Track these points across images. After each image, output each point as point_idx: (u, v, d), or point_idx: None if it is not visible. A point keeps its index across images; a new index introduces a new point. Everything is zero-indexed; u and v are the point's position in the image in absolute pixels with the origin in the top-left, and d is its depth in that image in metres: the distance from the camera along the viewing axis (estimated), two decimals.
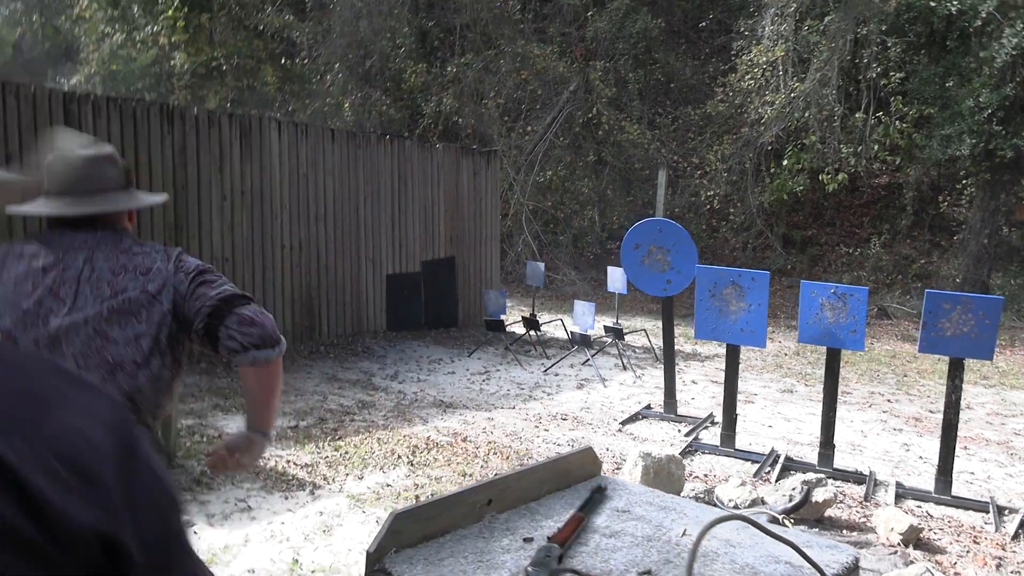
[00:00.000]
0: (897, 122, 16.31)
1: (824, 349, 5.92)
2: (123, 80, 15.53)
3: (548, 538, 1.69)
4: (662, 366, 9.41)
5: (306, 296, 8.91)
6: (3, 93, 6.47)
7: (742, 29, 18.44)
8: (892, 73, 16.59)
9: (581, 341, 8.62)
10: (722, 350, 10.81)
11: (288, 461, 5.31)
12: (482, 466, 5.48)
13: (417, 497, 4.77)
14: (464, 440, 6.14)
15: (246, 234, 8.27)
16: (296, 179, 8.70)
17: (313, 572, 3.69)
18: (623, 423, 7.00)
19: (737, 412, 6.30)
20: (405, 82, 18.33)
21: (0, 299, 1.95)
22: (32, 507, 0.61)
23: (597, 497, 2.15)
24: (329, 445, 5.76)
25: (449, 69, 17.94)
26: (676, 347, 10.49)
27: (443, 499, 1.85)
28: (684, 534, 1.85)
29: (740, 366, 9.11)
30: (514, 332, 10.17)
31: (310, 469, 5.18)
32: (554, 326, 10.71)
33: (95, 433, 0.69)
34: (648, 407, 7.43)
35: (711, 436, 6.63)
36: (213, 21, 15.68)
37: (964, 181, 15.38)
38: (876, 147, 16.57)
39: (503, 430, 6.55)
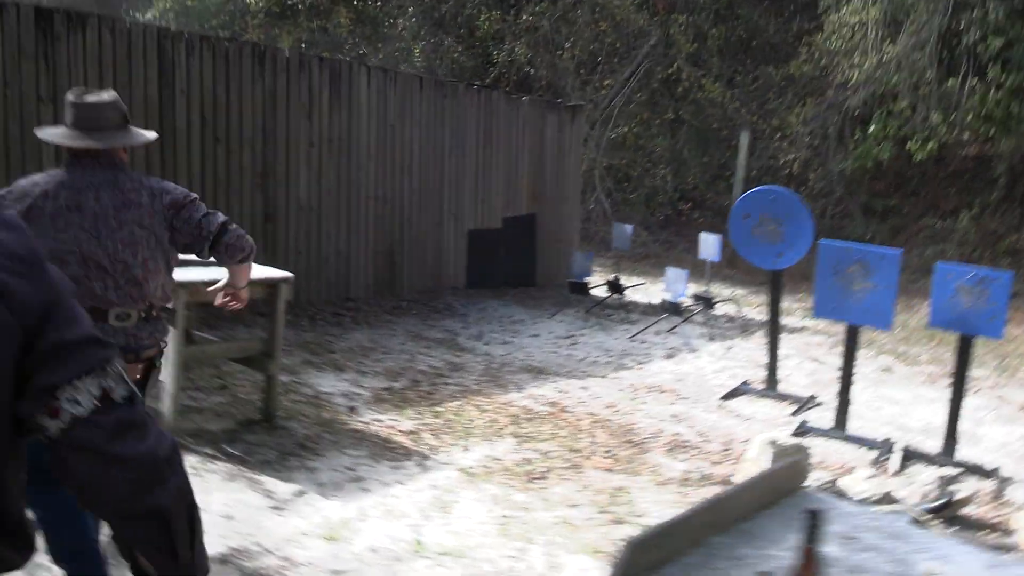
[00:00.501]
0: (993, 91, 15.45)
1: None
2: (197, 16, 15.32)
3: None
4: (751, 337, 9.08)
5: (388, 249, 8.69)
6: (99, 27, 6.25)
7: None
8: (991, 38, 15.70)
9: (671, 309, 8.30)
10: (811, 323, 10.42)
11: (390, 427, 5.12)
12: (591, 441, 5.23)
13: (531, 473, 4.55)
14: (563, 411, 5.90)
15: (332, 184, 8.03)
16: (384, 129, 8.42)
17: (440, 555, 3.48)
18: (723, 398, 6.70)
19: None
20: (478, 29, 17.86)
21: (42, 232, 2.55)
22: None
23: (815, 520, 1.90)
24: (429, 411, 5.55)
25: (524, 17, 17.42)
26: (756, 317, 10.15)
27: (671, 525, 1.70)
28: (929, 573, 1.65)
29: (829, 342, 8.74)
30: (595, 295, 9.87)
31: (414, 437, 4.97)
32: (636, 290, 10.37)
33: (33, 245, 1.06)
34: (746, 383, 7.11)
35: (817, 418, 6.30)
36: None
37: None
38: (969, 116, 15.74)
39: (600, 401, 6.29)
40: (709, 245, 8.83)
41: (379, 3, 17.59)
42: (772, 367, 6.85)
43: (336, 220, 8.13)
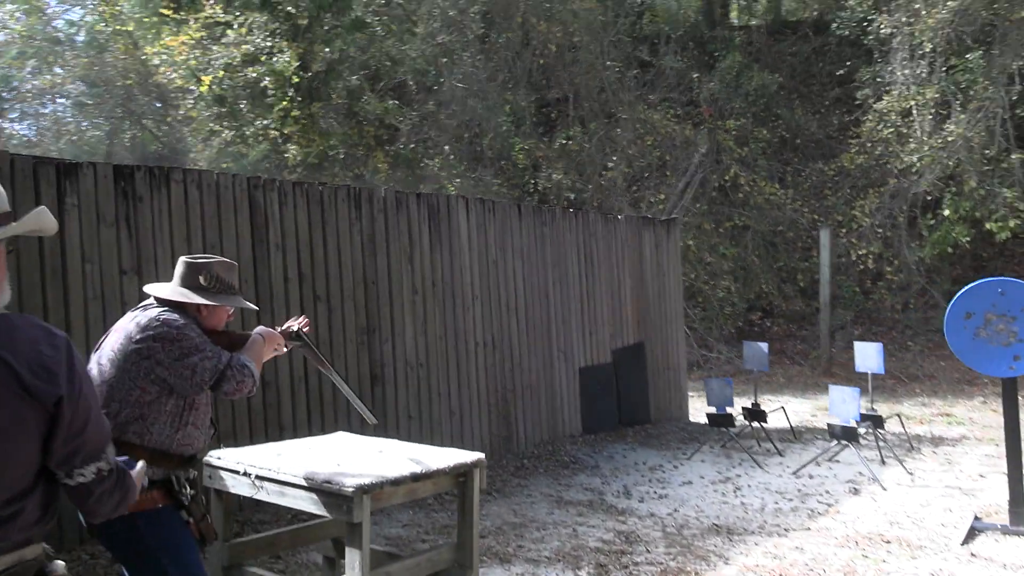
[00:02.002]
0: None
1: None
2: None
3: None
4: (926, 458, 7.83)
5: (502, 401, 7.58)
6: (185, 183, 5.37)
7: (866, 77, 17.10)
8: None
9: (843, 435, 7.09)
10: (959, 431, 9.17)
11: None
12: None
13: None
14: None
15: (439, 332, 7.01)
16: (486, 264, 7.48)
17: None
18: (964, 544, 5.43)
19: None
20: (515, 158, 17.32)
21: None
22: (22, 384, 1.69)
23: None
24: None
25: (561, 142, 16.91)
26: (920, 432, 8.91)
27: None
28: None
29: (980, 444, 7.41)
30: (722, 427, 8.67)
31: None
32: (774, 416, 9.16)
33: (55, 354, 1.76)
34: (977, 518, 5.84)
35: None
36: (325, 110, 14.87)
37: None
38: None
39: (830, 565, 5.03)
40: (869, 356, 7.70)
41: (413, 144, 17.10)
42: (1017, 496, 5.59)
43: (446, 373, 7.06)
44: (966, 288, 5.49)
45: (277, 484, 3.42)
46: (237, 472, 3.55)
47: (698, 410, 10.34)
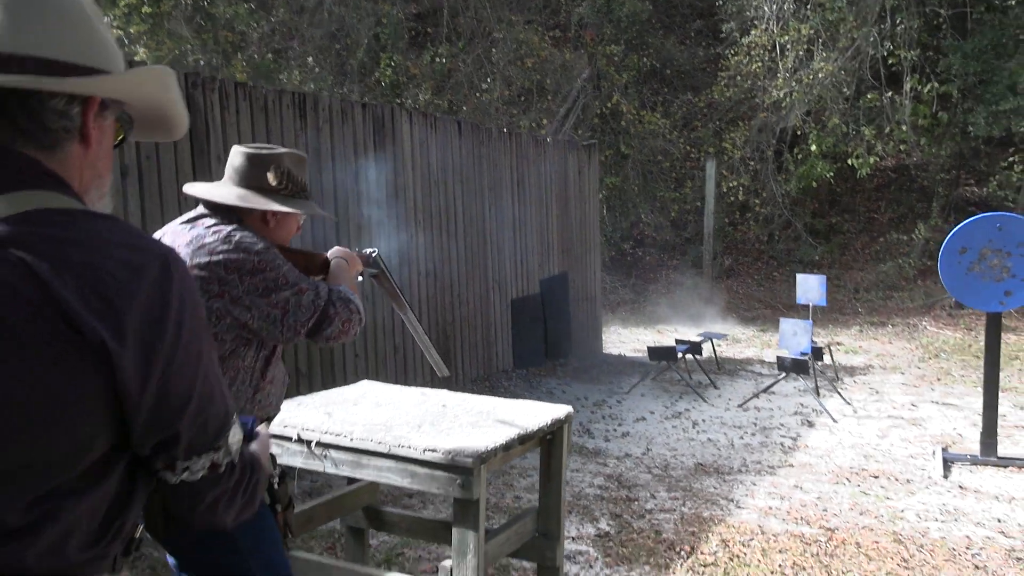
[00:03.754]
0: (933, 99, 15.33)
1: None
2: None
3: None
4: (846, 387, 7.90)
5: (442, 335, 6.96)
6: None
7: (731, 11, 17.22)
8: (912, 50, 15.70)
9: (792, 367, 7.01)
10: (862, 359, 9.41)
11: None
12: None
13: None
14: (831, 531, 4.44)
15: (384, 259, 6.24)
16: (428, 185, 6.74)
17: None
18: (945, 476, 5.45)
19: None
20: (381, 75, 16.21)
21: None
22: (68, 316, 0.94)
23: None
24: (686, 569, 3.93)
25: (436, 59, 15.96)
26: (855, 364, 9.03)
27: None
28: None
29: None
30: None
31: None
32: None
33: (133, 284, 1.00)
34: (945, 450, 5.90)
35: None
36: (177, 10, 13.16)
37: (1012, 159, 14.57)
38: (904, 127, 15.62)
39: (840, 504, 4.88)
40: (811, 288, 7.63)
41: (270, 54, 15.62)
42: (990, 427, 5.65)
43: (390, 307, 6.34)
44: (963, 223, 5.38)
45: (349, 453, 2.72)
46: (287, 438, 2.80)
47: (612, 343, 10.14)
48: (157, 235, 2.17)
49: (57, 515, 1.01)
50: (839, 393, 7.53)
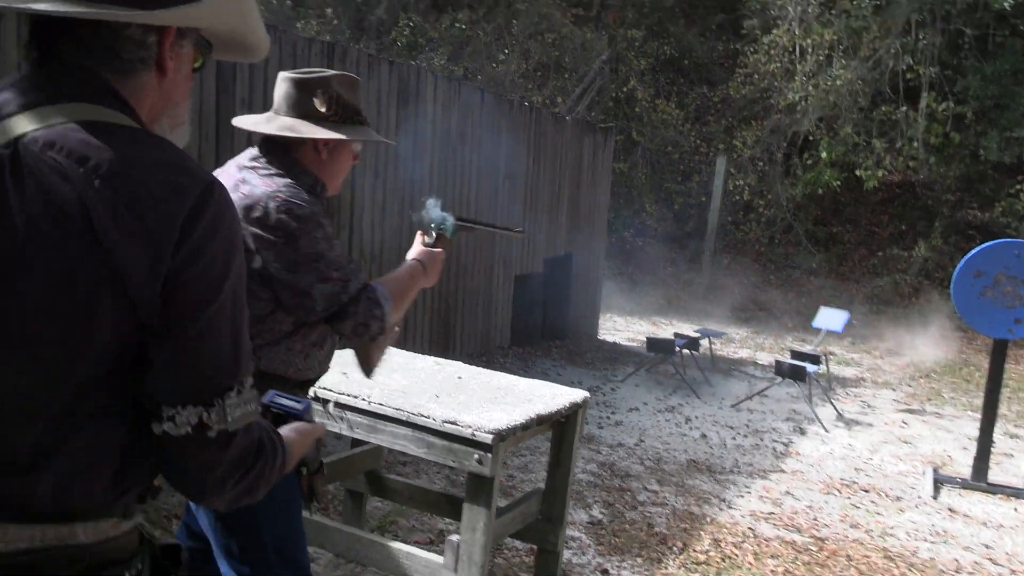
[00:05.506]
0: (947, 118, 15.28)
1: None
2: None
3: None
4: (839, 398, 7.92)
5: (444, 305, 6.89)
6: None
7: (755, 7, 17.08)
8: (932, 67, 15.63)
9: (790, 373, 7.00)
10: (853, 371, 9.42)
11: None
12: None
13: None
14: (822, 540, 4.43)
15: (395, 223, 6.17)
16: (446, 151, 6.65)
17: None
18: (934, 497, 5.46)
19: None
20: (398, 35, 16.00)
21: None
22: (90, 221, 0.93)
23: None
24: (678, 565, 3.91)
25: (449, 23, 15.74)
26: (848, 376, 9.02)
27: None
28: None
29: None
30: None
31: None
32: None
33: (171, 205, 0.97)
34: (936, 471, 5.90)
35: None
36: None
37: (1020, 187, 14.55)
38: (915, 144, 15.59)
39: (830, 515, 4.87)
40: (831, 318, 7.67)
41: (289, 1, 15.40)
42: (984, 451, 5.65)
43: None
44: (981, 247, 5.35)
45: (366, 416, 2.66)
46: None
47: (606, 330, 10.11)
48: (225, 173, 2.08)
49: (69, 446, 1.00)
50: (832, 403, 7.53)
